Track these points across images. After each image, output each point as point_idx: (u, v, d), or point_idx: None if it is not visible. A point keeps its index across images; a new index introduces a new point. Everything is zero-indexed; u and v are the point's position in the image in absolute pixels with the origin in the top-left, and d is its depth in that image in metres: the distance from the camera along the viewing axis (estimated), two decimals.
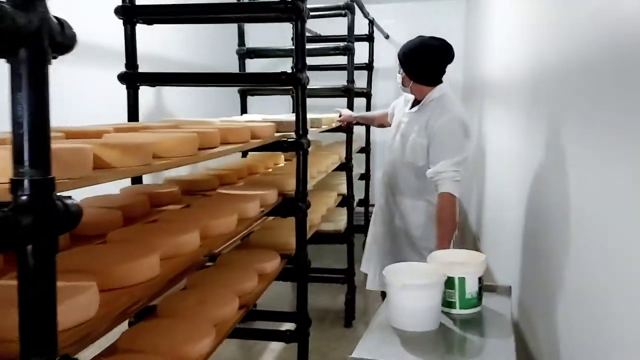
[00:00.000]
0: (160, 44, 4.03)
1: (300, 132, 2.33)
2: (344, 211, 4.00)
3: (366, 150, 5.39)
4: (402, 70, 2.61)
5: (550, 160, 1.85)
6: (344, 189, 3.99)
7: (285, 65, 2.80)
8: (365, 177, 5.31)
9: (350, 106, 3.83)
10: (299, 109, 2.28)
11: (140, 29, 2.36)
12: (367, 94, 5.31)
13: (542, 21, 2.08)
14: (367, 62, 5.32)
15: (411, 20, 6.21)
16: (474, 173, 4.89)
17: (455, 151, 2.43)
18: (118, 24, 2.30)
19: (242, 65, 3.87)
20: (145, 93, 4.01)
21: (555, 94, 1.85)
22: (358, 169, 5.42)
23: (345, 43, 3.74)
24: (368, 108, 5.34)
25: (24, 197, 0.77)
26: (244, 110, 3.87)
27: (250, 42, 4.01)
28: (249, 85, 3.56)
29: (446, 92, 2.62)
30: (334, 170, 3.85)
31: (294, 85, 2.24)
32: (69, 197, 0.86)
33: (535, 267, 2.03)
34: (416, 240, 2.66)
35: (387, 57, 4.96)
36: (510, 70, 2.94)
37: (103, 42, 2.83)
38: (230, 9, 2.35)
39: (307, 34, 5.12)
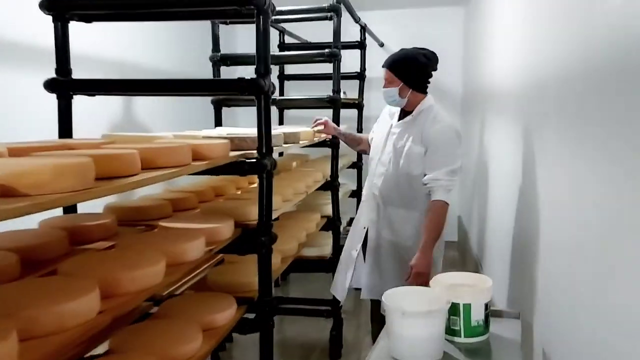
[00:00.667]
0: (128, 48, 3.68)
1: (264, 151, 1.92)
2: (329, 235, 3.58)
3: (358, 165, 5.00)
4: (397, 80, 2.59)
5: (561, 179, 1.74)
6: (329, 210, 3.57)
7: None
8: (357, 194, 4.89)
9: (336, 118, 3.43)
10: (262, 122, 1.88)
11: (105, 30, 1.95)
12: (358, 105, 4.91)
13: (549, 24, 1.98)
14: (358, 70, 4.95)
15: (408, 27, 5.88)
16: (475, 189, 4.53)
17: (450, 159, 2.50)
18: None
19: (216, 72, 3.49)
20: (113, 103, 3.67)
21: (567, 104, 1.69)
22: (350, 184, 5.04)
23: (331, 49, 3.33)
24: (360, 120, 4.99)
25: None
26: (218, 122, 3.50)
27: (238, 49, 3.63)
28: (220, 94, 3.15)
29: (433, 101, 2.67)
30: (318, 190, 3.45)
31: (255, 93, 1.84)
32: None
33: (544, 293, 1.93)
34: (406, 251, 2.61)
35: (378, 66, 4.57)
36: (514, 78, 2.79)
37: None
38: (180, 2, 2.00)
39: (294, 41, 4.89)
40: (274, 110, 4.87)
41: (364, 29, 4.86)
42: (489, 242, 3.67)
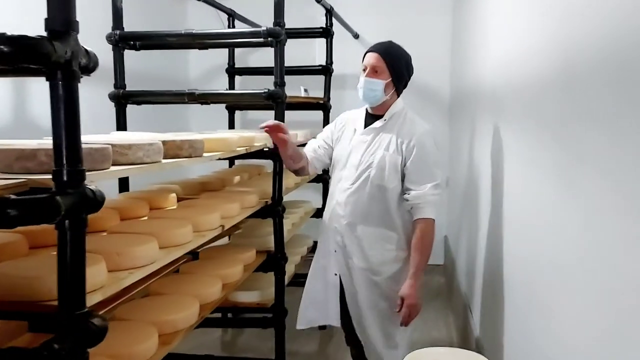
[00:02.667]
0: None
1: (64, 167, 1.05)
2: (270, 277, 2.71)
3: (323, 178, 4.10)
4: (386, 73, 2.22)
5: (569, 197, 1.35)
6: (271, 243, 2.70)
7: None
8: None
9: (279, 120, 2.57)
10: (60, 118, 1.02)
11: None
12: (323, 106, 4.05)
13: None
14: (323, 63, 4.09)
15: (390, 17, 5.02)
16: (464, 206, 3.72)
17: (436, 171, 2.27)
18: None
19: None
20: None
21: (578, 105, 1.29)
22: (314, 201, 4.18)
23: (270, 27, 2.47)
24: (326, 123, 4.11)
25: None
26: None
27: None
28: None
29: (403, 104, 2.35)
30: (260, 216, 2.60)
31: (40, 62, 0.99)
32: None
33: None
34: (382, 281, 2.28)
35: (355, 60, 3.71)
36: (510, 75, 2.20)
37: None
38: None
39: (246, 27, 4.08)
40: (221, 111, 4.07)
41: (329, 12, 3.99)
42: (479, 270, 2.88)
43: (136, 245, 1.45)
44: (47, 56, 0.94)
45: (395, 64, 2.22)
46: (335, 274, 2.34)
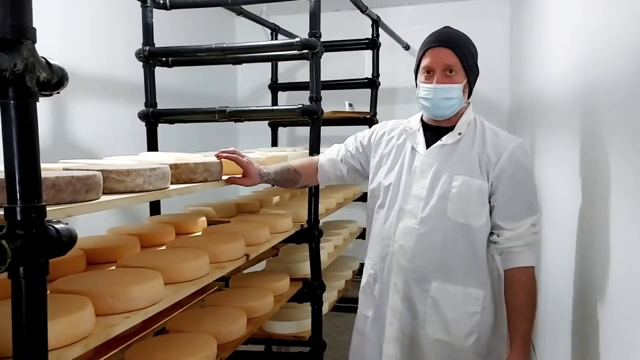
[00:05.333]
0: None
1: None
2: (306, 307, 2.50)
3: None
4: (462, 73, 1.65)
5: None
6: (306, 269, 2.49)
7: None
8: None
9: (315, 137, 2.36)
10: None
11: None
12: (370, 120, 3.82)
13: None
14: (369, 76, 3.88)
15: (442, 25, 4.72)
16: None
17: (535, 201, 1.68)
18: None
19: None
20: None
21: None
22: (360, 221, 3.94)
23: (304, 39, 2.27)
24: None
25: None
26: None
27: None
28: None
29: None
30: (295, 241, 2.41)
31: None
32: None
33: None
34: (459, 355, 1.66)
35: (406, 72, 3.44)
36: (575, 82, 1.89)
37: None
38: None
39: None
40: (264, 128, 3.94)
41: (376, 22, 3.78)
42: (542, 298, 2.54)
43: (134, 285, 1.27)
44: None
45: (469, 59, 1.66)
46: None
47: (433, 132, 1.73)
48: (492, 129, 1.72)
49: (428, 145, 1.72)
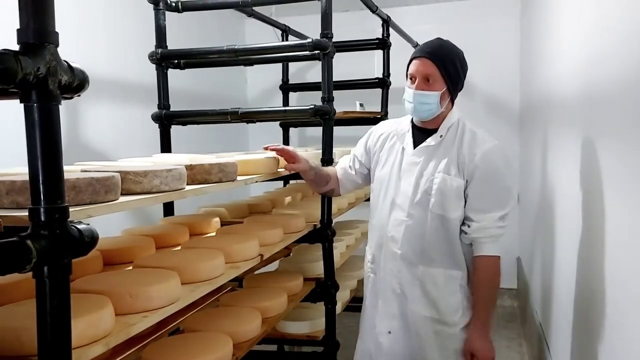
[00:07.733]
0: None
1: None
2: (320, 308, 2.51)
3: None
4: (441, 81, 1.84)
5: None
6: (319, 269, 2.50)
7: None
8: None
9: (328, 137, 2.37)
10: None
11: None
12: (380, 120, 3.82)
13: None
14: (380, 76, 3.88)
15: (452, 24, 4.73)
16: (538, 226, 3.39)
17: (504, 198, 1.88)
18: None
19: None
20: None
21: None
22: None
23: (316, 39, 2.28)
24: None
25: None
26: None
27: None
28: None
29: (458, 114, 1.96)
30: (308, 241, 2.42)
31: None
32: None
33: None
34: (453, 331, 1.89)
35: None
36: (586, 80, 1.92)
37: None
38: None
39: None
40: (275, 128, 3.95)
41: (386, 22, 3.79)
42: (557, 297, 2.57)
43: (152, 284, 1.29)
44: (9, 73, 0.79)
45: (449, 69, 1.83)
46: (390, 332, 1.97)
47: (420, 133, 1.95)
48: (472, 131, 1.91)
49: (415, 145, 1.94)
